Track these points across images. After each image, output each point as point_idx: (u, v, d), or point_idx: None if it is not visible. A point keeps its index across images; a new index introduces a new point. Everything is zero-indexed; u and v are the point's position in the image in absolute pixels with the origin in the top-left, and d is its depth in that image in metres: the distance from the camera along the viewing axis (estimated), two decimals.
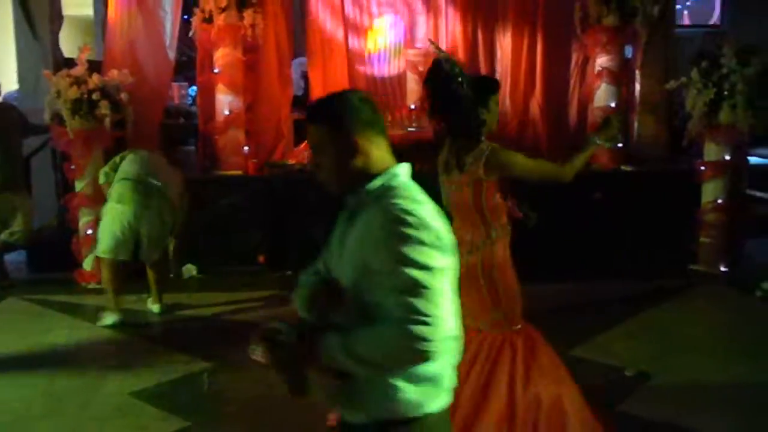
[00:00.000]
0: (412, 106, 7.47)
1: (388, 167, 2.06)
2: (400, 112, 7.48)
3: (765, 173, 9.25)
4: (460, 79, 3.56)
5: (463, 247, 3.53)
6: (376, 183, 2.02)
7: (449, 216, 3.59)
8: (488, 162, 3.53)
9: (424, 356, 1.84)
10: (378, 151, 2.05)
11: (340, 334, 1.94)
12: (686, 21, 10.69)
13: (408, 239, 1.86)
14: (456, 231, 3.44)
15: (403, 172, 2.07)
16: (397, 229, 1.87)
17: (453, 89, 3.56)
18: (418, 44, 7.73)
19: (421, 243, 1.86)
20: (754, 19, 11.30)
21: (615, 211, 7.37)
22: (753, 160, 9.22)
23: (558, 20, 7.84)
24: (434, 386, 2.00)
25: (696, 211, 7.37)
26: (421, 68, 7.50)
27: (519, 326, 3.74)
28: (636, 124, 8.12)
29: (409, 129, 7.39)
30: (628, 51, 8.06)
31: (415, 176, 2.11)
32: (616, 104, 7.64)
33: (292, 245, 7.28)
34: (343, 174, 2.05)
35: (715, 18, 10.14)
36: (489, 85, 3.83)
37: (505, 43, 7.85)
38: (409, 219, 1.87)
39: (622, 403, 4.56)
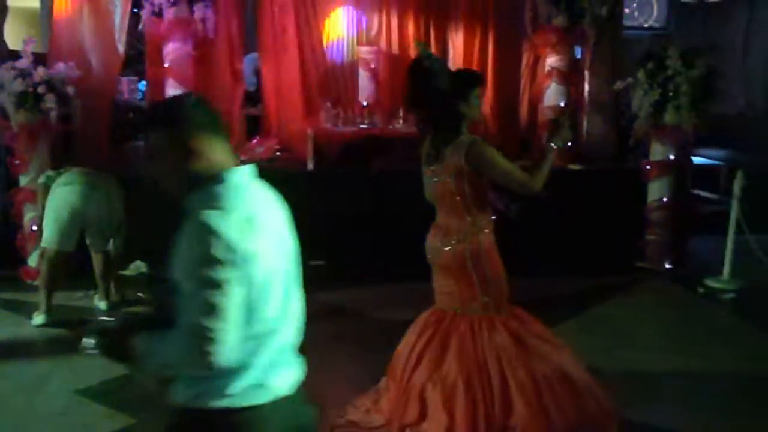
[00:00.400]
0: (364, 103, 7.47)
1: (223, 170, 2.06)
2: (352, 108, 7.48)
3: (710, 173, 9.50)
4: (439, 74, 3.73)
5: (450, 236, 3.81)
6: (202, 188, 2.04)
7: (432, 207, 3.90)
8: (469, 153, 3.66)
9: (210, 365, 1.95)
10: (215, 153, 2.07)
11: (151, 333, 2.06)
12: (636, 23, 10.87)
13: (205, 261, 1.92)
14: (441, 220, 3.88)
15: (237, 175, 2.08)
16: (198, 250, 1.92)
17: (432, 84, 3.70)
18: (370, 41, 7.73)
19: (216, 261, 1.91)
20: (698, 22, 11.62)
21: (563, 210, 7.47)
22: (699, 160, 9.47)
23: (509, 20, 7.93)
24: (238, 381, 2.06)
25: (642, 210, 7.53)
26: (373, 65, 7.53)
27: (505, 309, 3.91)
28: (585, 124, 8.24)
29: (361, 126, 7.39)
30: (578, 51, 8.19)
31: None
32: (565, 104, 7.76)
33: None
34: (180, 178, 2.07)
35: (660, 21, 10.33)
36: (470, 78, 3.91)
37: (456, 41, 7.90)
38: (209, 239, 1.91)
39: None
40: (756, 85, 10.96)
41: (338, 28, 7.76)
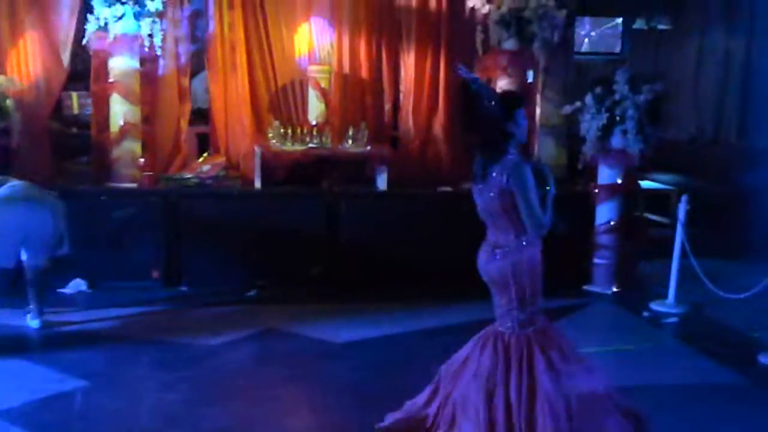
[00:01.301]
0: (314, 122, 7.42)
1: None
2: (302, 128, 7.41)
3: (661, 197, 9.59)
4: (486, 97, 3.94)
5: (497, 250, 3.97)
6: None
7: (482, 222, 4.07)
8: (511, 174, 3.81)
9: None
10: None
11: None
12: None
13: None
14: (491, 236, 4.05)
15: None
16: None
17: (480, 107, 3.92)
18: (321, 60, 7.70)
19: None
20: (652, 49, 11.78)
21: None
22: (651, 184, 9.56)
23: (461, 42, 7.96)
24: None
25: (591, 233, 7.55)
26: (323, 84, 7.49)
27: (538, 326, 3.99)
28: (536, 147, 8.28)
29: (311, 145, 7.33)
30: (531, 75, 8.25)
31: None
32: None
33: (188, 261, 7.12)
34: None
35: (617, 47, 10.44)
36: (515, 99, 4.08)
37: (408, 62, 7.91)
38: None
39: None
40: (706, 111, 11.10)
41: (289, 47, 7.71)
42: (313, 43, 7.73)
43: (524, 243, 3.95)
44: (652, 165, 8.71)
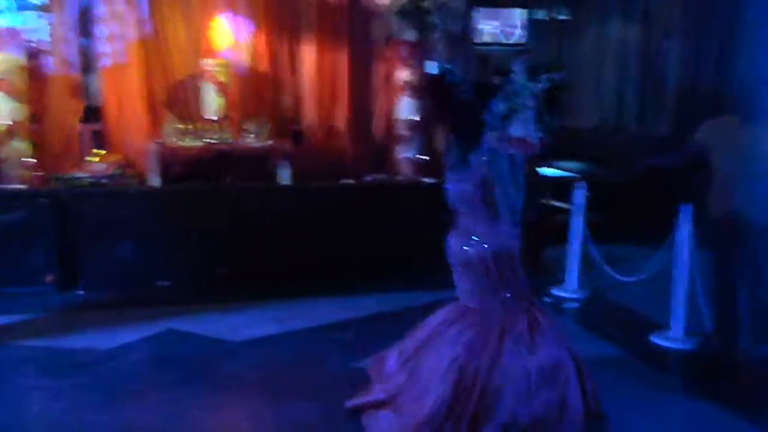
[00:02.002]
0: (213, 117, 7.25)
1: None
2: (201, 123, 7.24)
3: (565, 185, 9.77)
4: (461, 86, 4.20)
5: (475, 237, 4.14)
6: None
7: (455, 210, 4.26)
8: (489, 163, 4.05)
9: None
10: None
11: None
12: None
13: None
14: (466, 223, 4.20)
15: None
16: None
17: (455, 96, 4.18)
18: (219, 54, 7.52)
19: None
20: (556, 39, 11.99)
21: (418, 224, 7.49)
22: (557, 173, 9.72)
23: (362, 32, 7.89)
24: None
25: None
26: (221, 78, 7.33)
27: (524, 303, 4.21)
28: (440, 137, 8.29)
29: (210, 141, 7.17)
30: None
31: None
32: (417, 117, 7.78)
33: (84, 263, 6.88)
34: None
35: (520, 37, 10.58)
36: (490, 88, 4.49)
37: (309, 55, 7.80)
38: None
39: None
40: (608, 100, 11.36)
41: (185, 41, 7.50)
42: (211, 36, 7.53)
43: (502, 228, 4.15)
44: (557, 153, 8.88)
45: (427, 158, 7.94)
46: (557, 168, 9.87)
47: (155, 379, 5.13)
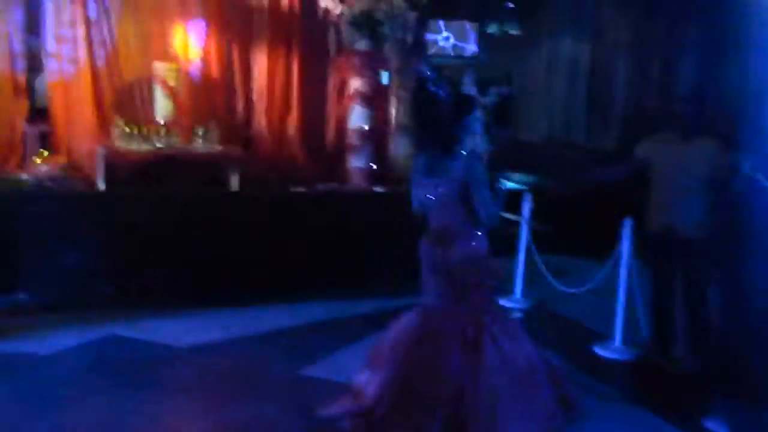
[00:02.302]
0: (162, 122, 7.19)
1: None
2: (149, 127, 7.17)
3: (514, 197, 9.89)
4: (443, 99, 4.28)
5: (449, 241, 4.27)
6: None
7: (424, 213, 4.39)
8: (468, 169, 4.16)
9: None
10: None
11: None
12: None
13: None
14: (439, 227, 4.32)
15: None
16: None
17: (437, 107, 4.26)
18: (170, 58, 7.46)
19: None
20: (508, 53, 12.17)
21: (369, 232, 7.51)
22: (508, 184, 9.83)
23: (314, 42, 7.92)
24: None
25: None
26: (171, 83, 7.27)
27: (486, 306, 4.33)
28: (392, 147, 8.36)
29: (158, 145, 7.10)
30: (387, 76, 8.33)
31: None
32: (369, 126, 7.83)
33: (26, 267, 6.73)
34: None
35: (472, 51, 10.70)
36: (467, 106, 4.43)
37: (261, 62, 7.79)
38: None
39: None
40: (557, 114, 11.57)
41: (135, 44, 7.43)
42: (161, 40, 7.48)
43: (477, 233, 4.28)
44: (506, 165, 8.98)
45: (377, 167, 8.01)
46: (506, 179, 10.00)
47: (95, 384, 5.02)
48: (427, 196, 4.32)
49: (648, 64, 9.85)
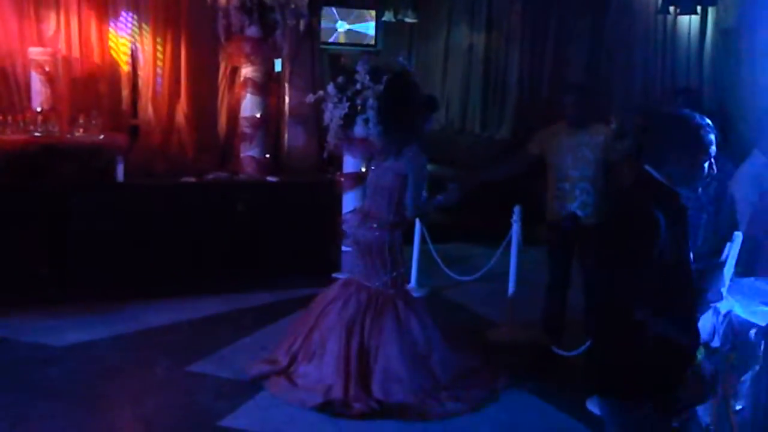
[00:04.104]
0: (38, 109, 6.80)
1: None
2: (24, 114, 6.76)
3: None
4: (416, 93, 5.01)
5: (373, 221, 4.79)
6: None
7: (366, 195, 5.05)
8: (410, 162, 4.67)
9: None
10: None
11: None
12: None
13: None
14: (369, 207, 4.90)
15: None
16: None
17: (410, 101, 4.85)
18: (46, 42, 7.06)
19: None
20: (406, 41, 12.19)
21: (260, 222, 7.37)
22: None
23: (203, 27, 7.65)
24: None
25: (337, 221, 7.60)
26: (47, 68, 6.89)
27: (397, 289, 4.92)
28: (286, 136, 8.21)
29: (35, 133, 6.72)
30: (280, 63, 8.16)
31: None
32: (261, 115, 7.65)
33: None
34: None
35: (369, 39, 10.63)
36: (430, 104, 5.46)
37: (146, 47, 7.47)
38: None
39: (228, 416, 4.47)
40: (454, 103, 11.67)
41: (9, 27, 6.98)
42: (37, 24, 7.06)
43: (397, 220, 4.80)
44: None
45: (270, 157, 7.84)
46: None
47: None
48: (371, 177, 4.91)
49: (539, 55, 10.03)
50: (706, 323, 3.51)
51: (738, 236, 3.73)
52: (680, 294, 2.75)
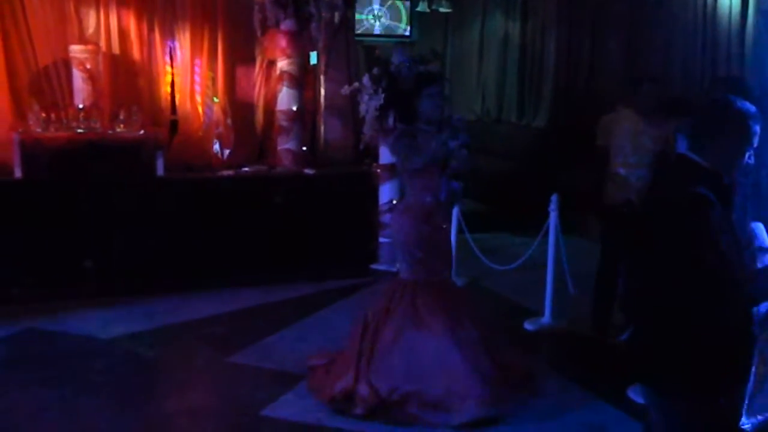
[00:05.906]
0: (80, 106, 6.92)
1: None
2: (67, 111, 6.90)
3: None
4: (403, 76, 4.97)
5: (396, 203, 5.19)
6: None
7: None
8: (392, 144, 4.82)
9: None
10: None
11: None
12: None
13: None
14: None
15: None
16: None
17: (395, 86, 4.99)
18: (87, 40, 7.18)
19: None
20: (441, 32, 12.15)
21: (298, 215, 7.42)
22: None
23: (239, 21, 7.71)
24: None
25: (375, 212, 7.64)
26: (88, 65, 7.01)
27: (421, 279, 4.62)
28: (322, 128, 8.24)
29: (78, 130, 6.85)
30: (315, 56, 8.19)
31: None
32: (297, 108, 7.69)
33: None
34: None
35: (404, 30, 10.61)
36: (421, 77, 4.85)
37: (184, 43, 7.56)
38: None
39: (269, 406, 4.52)
40: (489, 92, 11.59)
41: (51, 25, 7.11)
42: (78, 20, 7.19)
43: (401, 208, 4.80)
44: None
45: (307, 149, 7.89)
46: None
47: (10, 380, 4.85)
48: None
49: (576, 42, 9.91)
50: None
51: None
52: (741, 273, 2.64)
